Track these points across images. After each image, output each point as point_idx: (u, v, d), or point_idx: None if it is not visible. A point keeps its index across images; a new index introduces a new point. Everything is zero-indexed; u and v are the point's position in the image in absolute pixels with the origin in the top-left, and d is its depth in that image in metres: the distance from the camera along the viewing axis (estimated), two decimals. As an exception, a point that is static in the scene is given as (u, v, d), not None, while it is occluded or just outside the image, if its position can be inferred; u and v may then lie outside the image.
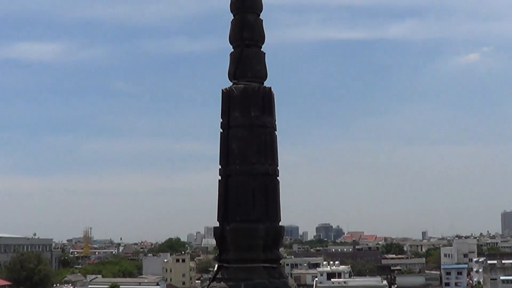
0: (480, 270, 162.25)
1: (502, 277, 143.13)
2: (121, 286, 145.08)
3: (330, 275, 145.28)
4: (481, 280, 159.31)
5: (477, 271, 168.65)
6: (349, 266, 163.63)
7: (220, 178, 18.65)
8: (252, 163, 18.24)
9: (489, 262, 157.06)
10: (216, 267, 19.07)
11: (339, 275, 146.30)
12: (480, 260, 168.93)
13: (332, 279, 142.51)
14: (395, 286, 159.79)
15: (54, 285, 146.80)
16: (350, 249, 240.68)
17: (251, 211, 18.07)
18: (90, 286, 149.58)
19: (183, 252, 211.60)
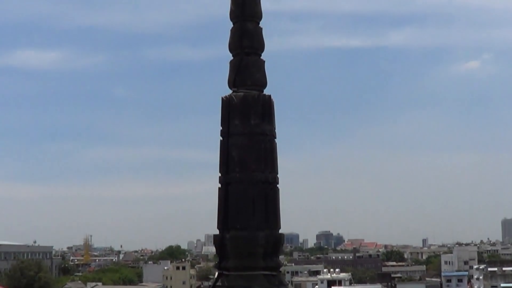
0: (481, 277, 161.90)
1: (502, 284, 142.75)
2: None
3: (330, 283, 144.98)
4: (481, 287, 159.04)
5: (477, 279, 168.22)
6: (350, 273, 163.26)
7: (220, 185, 18.67)
8: (252, 171, 18.25)
9: (489, 269, 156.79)
10: (216, 274, 19.08)
11: (340, 282, 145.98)
12: (481, 267, 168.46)
13: (332, 287, 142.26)
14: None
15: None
16: (351, 257, 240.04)
17: (251, 219, 18.08)
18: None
19: (183, 260, 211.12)
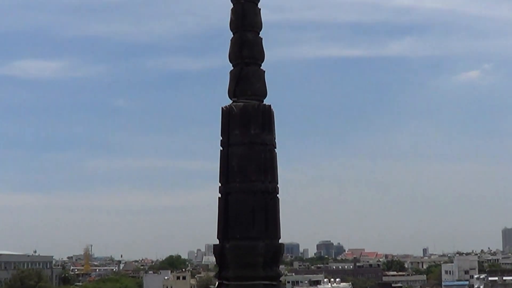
0: (481, 286, 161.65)
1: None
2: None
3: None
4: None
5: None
6: (350, 283, 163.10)
7: (220, 195, 18.68)
8: (252, 181, 18.26)
9: (490, 278, 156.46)
10: (216, 284, 19.06)
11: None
12: (481, 276, 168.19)
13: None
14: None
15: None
16: (351, 266, 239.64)
17: (250, 229, 18.07)
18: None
19: (183, 270, 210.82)
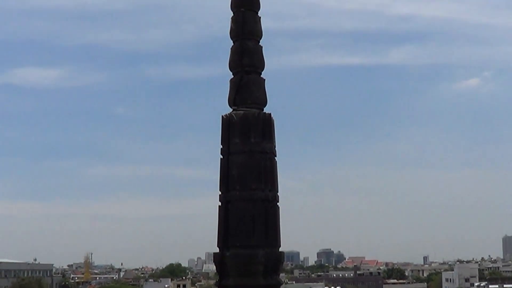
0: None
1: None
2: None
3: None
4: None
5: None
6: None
7: (220, 204, 18.68)
8: (252, 189, 18.27)
9: (490, 286, 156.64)
10: (216, 293, 19.05)
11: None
12: (482, 284, 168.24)
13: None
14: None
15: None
16: (351, 274, 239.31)
17: (251, 237, 18.07)
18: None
19: (184, 278, 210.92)
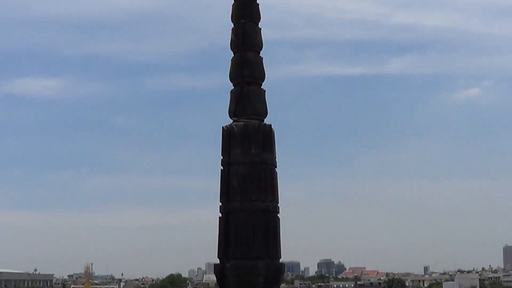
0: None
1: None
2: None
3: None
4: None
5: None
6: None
7: (220, 215, 18.70)
8: (252, 200, 18.30)
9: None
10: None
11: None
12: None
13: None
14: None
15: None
16: (352, 285, 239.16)
17: (251, 248, 18.09)
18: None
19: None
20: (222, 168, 18.83)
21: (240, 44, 19.33)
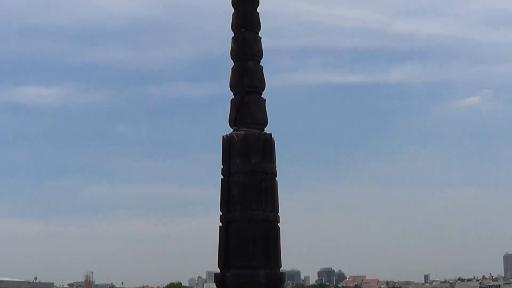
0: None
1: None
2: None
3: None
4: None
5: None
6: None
7: (221, 224, 18.68)
8: (252, 210, 18.29)
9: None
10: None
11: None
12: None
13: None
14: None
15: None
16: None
17: (251, 258, 18.07)
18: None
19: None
20: (222, 177, 18.82)
21: (241, 53, 19.34)
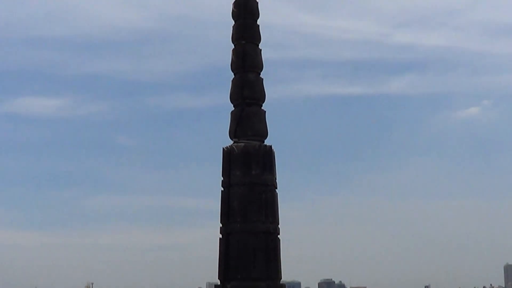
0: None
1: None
2: None
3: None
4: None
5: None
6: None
7: (221, 236, 18.67)
8: (252, 222, 18.30)
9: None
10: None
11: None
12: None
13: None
14: None
15: None
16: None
17: (251, 270, 18.06)
18: None
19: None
20: (222, 189, 18.83)
21: (241, 65, 19.39)
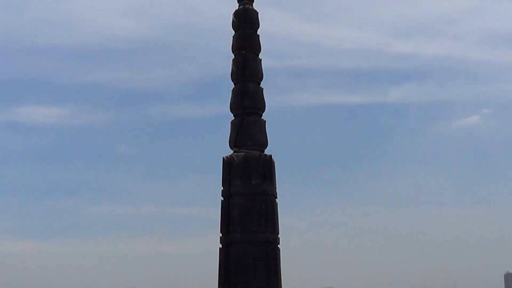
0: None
1: None
2: None
3: None
4: None
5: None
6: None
7: (220, 246, 18.65)
8: (252, 232, 18.29)
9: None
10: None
11: None
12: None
13: None
14: None
15: None
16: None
17: (251, 280, 18.05)
18: None
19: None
20: (222, 199, 18.83)
21: (241, 75, 19.43)
